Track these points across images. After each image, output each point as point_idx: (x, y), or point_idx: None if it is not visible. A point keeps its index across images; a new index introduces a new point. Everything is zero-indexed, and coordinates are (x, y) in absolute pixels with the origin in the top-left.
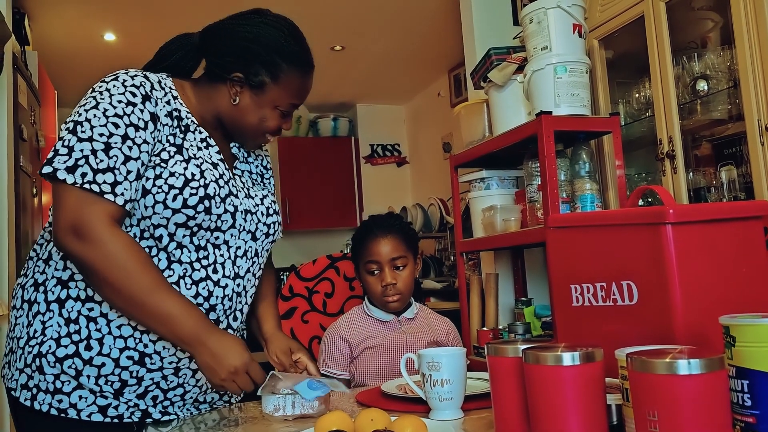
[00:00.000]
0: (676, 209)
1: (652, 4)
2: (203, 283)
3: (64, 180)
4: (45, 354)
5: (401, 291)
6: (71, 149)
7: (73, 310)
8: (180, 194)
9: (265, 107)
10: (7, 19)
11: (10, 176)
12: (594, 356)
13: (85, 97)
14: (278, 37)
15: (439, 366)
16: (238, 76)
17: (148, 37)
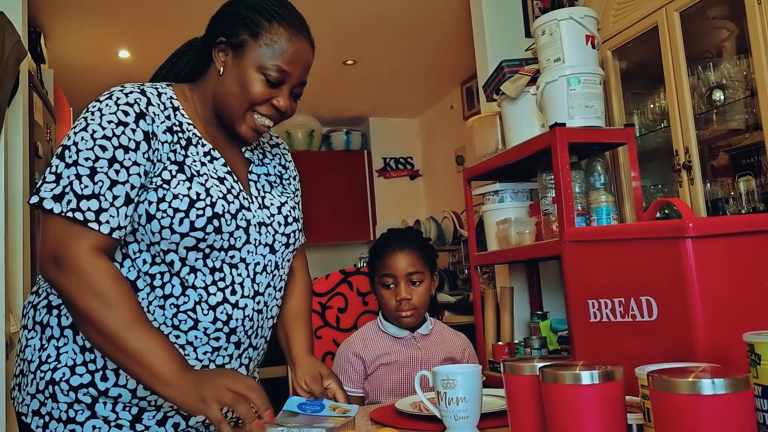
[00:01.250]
0: (696, 223)
1: (666, 13)
2: (221, 307)
3: (51, 209)
4: (59, 381)
5: (416, 306)
6: (59, 176)
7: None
8: (186, 217)
9: (248, 70)
10: (23, 38)
11: (25, 192)
12: (614, 375)
13: (79, 117)
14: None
15: (455, 384)
16: (221, 40)
17: (161, 53)
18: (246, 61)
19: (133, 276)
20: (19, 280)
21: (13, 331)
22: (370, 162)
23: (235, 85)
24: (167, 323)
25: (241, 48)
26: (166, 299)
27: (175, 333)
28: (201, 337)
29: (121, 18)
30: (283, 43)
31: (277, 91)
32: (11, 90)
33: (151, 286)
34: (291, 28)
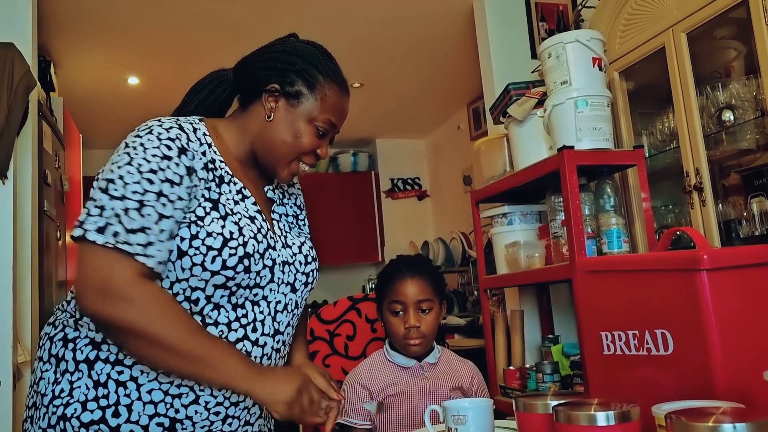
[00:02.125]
0: (711, 254)
1: (673, 35)
2: (241, 344)
3: (94, 241)
4: (69, 417)
5: (424, 334)
6: (102, 208)
7: (102, 373)
8: (219, 255)
9: (300, 120)
10: (33, 68)
11: (34, 221)
12: (630, 415)
13: (118, 151)
14: (314, 51)
15: (465, 419)
16: (273, 87)
17: (170, 79)
18: (300, 112)
19: None
20: (27, 311)
21: (21, 362)
22: (377, 183)
23: (287, 133)
24: None
25: (296, 98)
26: None
27: None
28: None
29: (129, 45)
30: (335, 99)
31: (322, 142)
32: (21, 120)
33: None
34: (341, 85)
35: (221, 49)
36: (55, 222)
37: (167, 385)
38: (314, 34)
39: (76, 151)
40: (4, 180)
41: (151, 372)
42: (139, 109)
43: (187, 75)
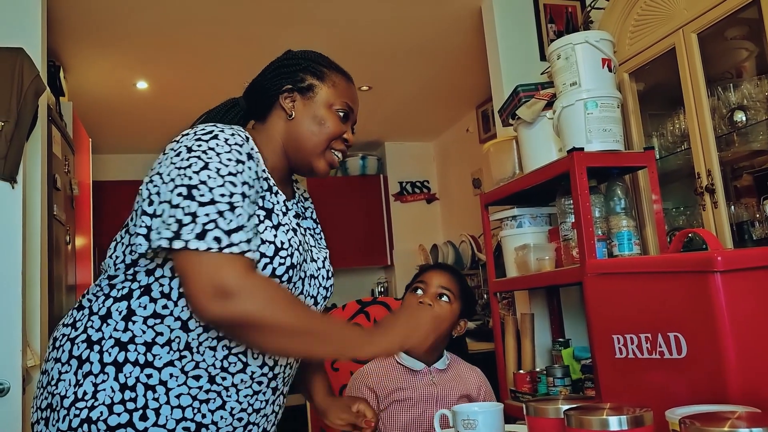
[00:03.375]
0: (724, 256)
1: (684, 35)
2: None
3: (197, 249)
4: (95, 420)
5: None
6: (194, 215)
7: (131, 376)
8: (270, 263)
9: (320, 108)
10: (42, 73)
11: (44, 225)
12: (643, 420)
13: (181, 157)
14: (311, 54)
15: (475, 424)
16: (287, 88)
17: (179, 84)
18: (317, 101)
19: (186, 316)
20: (36, 315)
21: (30, 365)
22: (386, 186)
23: (312, 123)
24: (216, 365)
25: (309, 90)
26: (219, 341)
27: (222, 375)
28: (246, 381)
29: (138, 50)
30: (345, 84)
31: (346, 125)
32: (30, 124)
33: (205, 328)
34: (345, 74)
35: (230, 54)
36: (65, 226)
37: (196, 390)
38: (323, 37)
39: (86, 156)
40: (14, 184)
41: (180, 376)
42: (148, 114)
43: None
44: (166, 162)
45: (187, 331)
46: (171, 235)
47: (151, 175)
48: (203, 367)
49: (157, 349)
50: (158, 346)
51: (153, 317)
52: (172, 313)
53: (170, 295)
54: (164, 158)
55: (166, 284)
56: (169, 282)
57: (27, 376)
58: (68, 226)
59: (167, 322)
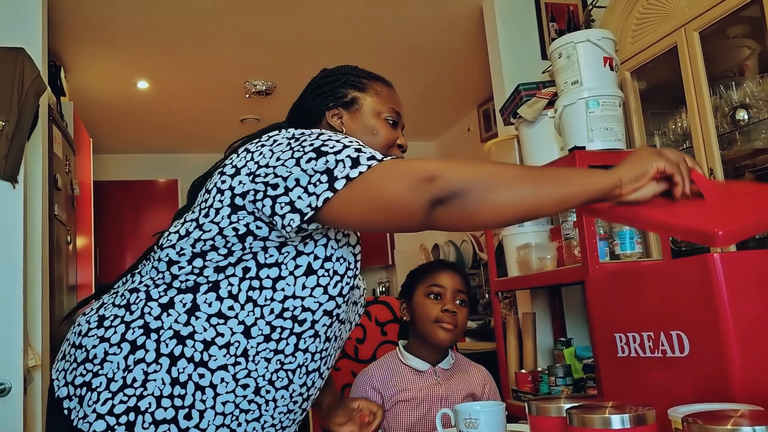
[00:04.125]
0: (724, 255)
1: (685, 33)
2: (313, 374)
3: (360, 173)
4: (143, 411)
5: (458, 323)
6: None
7: (183, 372)
8: (341, 282)
9: (369, 118)
10: (43, 72)
11: (44, 225)
12: (646, 419)
13: (284, 143)
14: (346, 67)
15: (477, 423)
16: (331, 105)
17: (180, 84)
18: (364, 112)
19: (250, 321)
20: (37, 315)
21: (31, 365)
22: None
23: (365, 134)
24: (265, 376)
25: (354, 103)
26: (275, 354)
27: (267, 388)
28: (286, 398)
29: (139, 50)
30: (387, 91)
31: (397, 131)
32: (31, 125)
33: (267, 337)
34: (385, 81)
35: (231, 54)
36: (66, 226)
37: (241, 399)
38: (324, 37)
39: (87, 156)
40: (15, 184)
41: (231, 382)
42: (149, 114)
43: (197, 80)
44: (264, 153)
45: (248, 338)
46: (327, 186)
47: (246, 171)
48: (254, 376)
49: (214, 350)
50: (216, 347)
51: (217, 316)
52: (237, 316)
53: (238, 297)
54: (256, 155)
55: (235, 284)
56: (239, 283)
57: (28, 376)
58: (69, 225)
59: (230, 324)
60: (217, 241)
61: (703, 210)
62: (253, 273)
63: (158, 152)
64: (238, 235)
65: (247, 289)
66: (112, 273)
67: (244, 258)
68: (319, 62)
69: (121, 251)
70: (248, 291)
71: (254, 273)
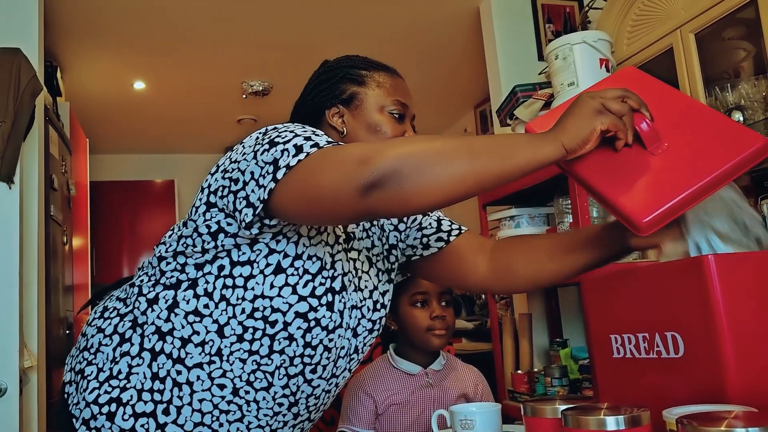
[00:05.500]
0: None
1: (681, 35)
2: (295, 379)
3: (299, 160)
4: (125, 403)
5: (449, 326)
6: (284, 150)
7: (163, 368)
8: (312, 281)
9: (372, 114)
10: (39, 73)
11: (41, 226)
12: (641, 420)
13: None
14: (346, 60)
15: (473, 424)
16: (331, 103)
17: (176, 84)
18: (366, 108)
19: (223, 320)
20: (33, 316)
21: (27, 366)
22: None
23: (366, 132)
24: (242, 377)
25: (354, 99)
26: (250, 354)
27: (246, 389)
28: (268, 399)
29: (136, 50)
30: (391, 81)
31: (404, 125)
32: (27, 125)
33: (239, 338)
34: (389, 70)
35: (228, 54)
36: (62, 227)
37: (218, 399)
38: (321, 38)
39: (83, 156)
40: (11, 185)
41: (206, 381)
42: (145, 114)
43: (193, 80)
44: (237, 149)
45: (222, 337)
46: (270, 177)
47: (222, 167)
48: (230, 377)
49: (190, 348)
50: (192, 344)
51: (194, 314)
52: (211, 315)
53: (213, 294)
54: (233, 152)
55: (211, 282)
56: (214, 281)
57: (24, 377)
58: (65, 226)
59: (205, 323)
60: (194, 238)
61: (641, 174)
62: (227, 271)
63: (155, 152)
64: (211, 233)
65: (221, 288)
66: (108, 274)
67: (219, 255)
68: (316, 63)
69: (117, 252)
70: (222, 289)
71: (228, 271)
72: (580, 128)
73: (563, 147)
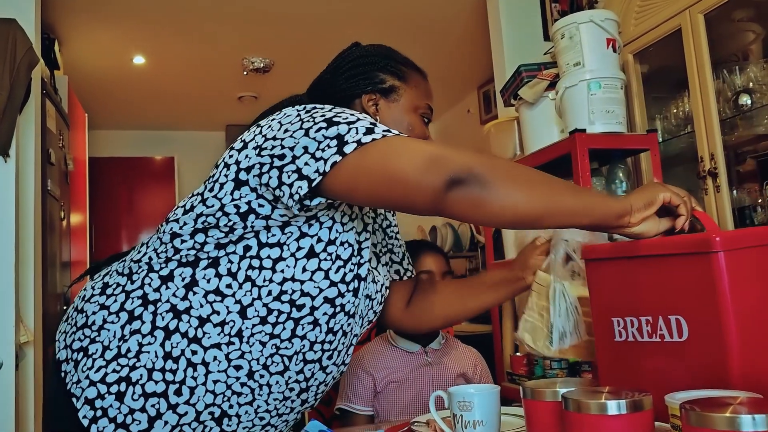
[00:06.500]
0: (724, 236)
1: (690, 16)
2: (312, 365)
3: (373, 139)
4: (135, 382)
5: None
6: (349, 125)
7: (177, 347)
8: (343, 267)
9: (407, 113)
10: (36, 45)
11: (37, 200)
12: (642, 404)
13: (294, 117)
14: (385, 49)
15: (471, 406)
16: (369, 89)
17: (176, 59)
18: (403, 104)
19: (247, 301)
20: (29, 291)
21: (23, 342)
22: None
23: (401, 129)
24: (260, 360)
25: (393, 92)
26: (271, 337)
27: (261, 372)
28: (281, 384)
29: (136, 24)
30: (424, 83)
31: (427, 129)
32: (23, 97)
33: (263, 320)
34: (420, 70)
35: (229, 30)
36: (59, 202)
37: (233, 380)
38: (323, 15)
39: (82, 131)
40: (6, 158)
41: (223, 362)
42: (146, 90)
43: (194, 56)
44: (273, 126)
45: (244, 318)
46: (335, 150)
47: (253, 144)
48: (247, 359)
49: (208, 327)
50: (211, 324)
51: (214, 293)
52: (234, 295)
53: (237, 275)
54: (264, 128)
55: (235, 262)
56: (239, 261)
57: (20, 352)
58: (63, 201)
59: (227, 303)
60: (218, 217)
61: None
62: (253, 252)
63: (155, 129)
64: (239, 213)
65: (247, 268)
66: (106, 250)
67: (245, 236)
68: (317, 41)
69: (116, 228)
70: (247, 270)
71: (255, 252)
72: (646, 194)
73: (630, 205)
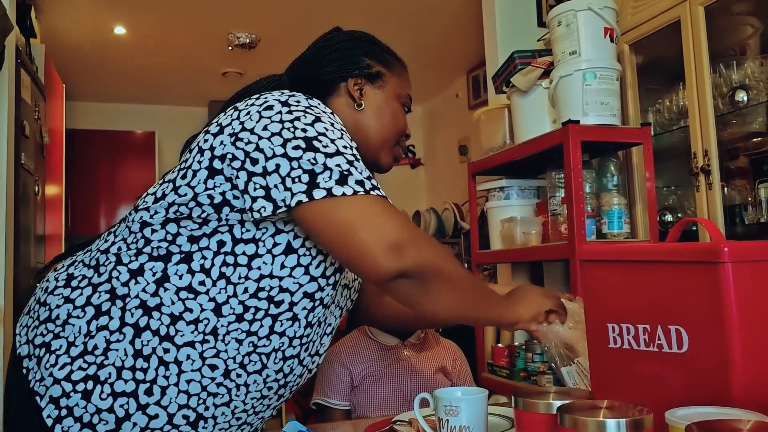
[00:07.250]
0: (732, 247)
1: (690, 7)
2: (291, 361)
3: (343, 194)
4: (103, 381)
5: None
6: (325, 165)
7: (147, 345)
8: (324, 261)
9: (391, 99)
10: (10, 11)
11: (10, 173)
12: (643, 424)
13: (276, 110)
14: (369, 36)
15: (458, 411)
16: (355, 73)
17: (158, 31)
18: (388, 91)
19: (221, 299)
20: (1, 266)
21: None
22: None
23: (385, 115)
24: (236, 359)
25: (378, 78)
26: (248, 335)
27: (238, 371)
28: (259, 383)
29: None
30: (405, 74)
31: (407, 118)
32: None
33: (239, 317)
34: (402, 62)
35: (214, 2)
36: (33, 176)
37: (208, 381)
38: None
39: (59, 103)
40: None
41: (197, 360)
42: (127, 62)
43: (178, 28)
44: (252, 115)
45: (219, 316)
46: (305, 188)
47: (229, 130)
48: (223, 357)
49: (181, 325)
50: (184, 322)
51: (186, 290)
52: (208, 292)
53: (210, 272)
54: (243, 114)
55: (209, 258)
56: (213, 257)
57: None
58: (37, 175)
59: (200, 300)
60: (191, 207)
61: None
62: (228, 248)
63: (136, 102)
64: (214, 204)
65: (221, 265)
66: (83, 224)
67: (219, 230)
68: (306, 19)
69: (93, 203)
70: (221, 267)
71: (229, 248)
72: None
73: (519, 319)
